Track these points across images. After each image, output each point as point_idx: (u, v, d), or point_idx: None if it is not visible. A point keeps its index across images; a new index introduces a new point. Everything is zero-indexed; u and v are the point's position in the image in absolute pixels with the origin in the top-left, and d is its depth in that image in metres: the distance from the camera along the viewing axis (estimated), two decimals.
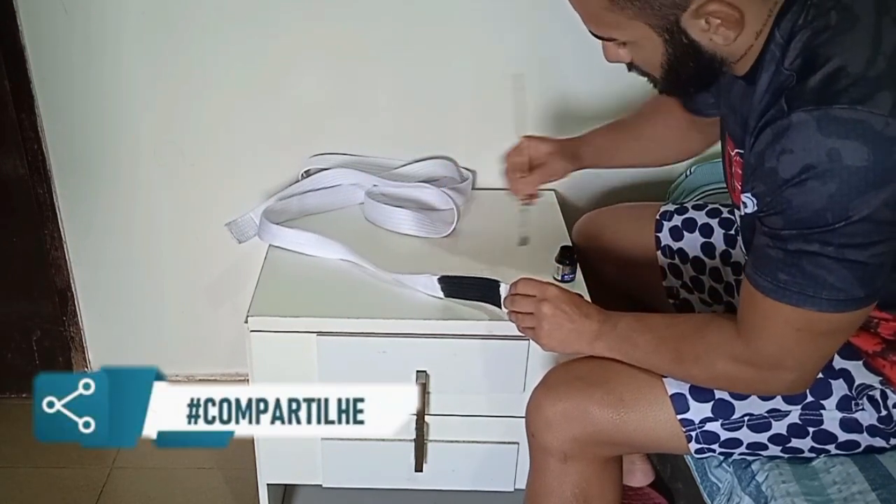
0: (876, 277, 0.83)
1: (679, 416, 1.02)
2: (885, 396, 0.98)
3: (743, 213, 0.93)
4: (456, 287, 1.25)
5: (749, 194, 0.89)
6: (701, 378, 0.99)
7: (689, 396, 1.02)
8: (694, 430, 1.03)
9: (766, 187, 0.83)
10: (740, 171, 0.96)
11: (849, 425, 1.00)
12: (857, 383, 0.99)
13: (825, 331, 0.87)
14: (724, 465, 1.10)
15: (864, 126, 0.76)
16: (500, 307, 1.19)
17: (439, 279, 1.25)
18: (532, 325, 1.09)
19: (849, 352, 1.00)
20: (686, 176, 1.54)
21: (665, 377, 1.03)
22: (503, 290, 1.17)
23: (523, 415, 1.11)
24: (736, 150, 0.99)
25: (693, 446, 1.04)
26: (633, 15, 0.85)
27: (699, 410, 1.02)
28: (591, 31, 0.93)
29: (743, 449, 1.04)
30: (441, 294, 1.26)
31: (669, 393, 1.03)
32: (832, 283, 0.82)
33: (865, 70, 0.78)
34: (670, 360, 1.00)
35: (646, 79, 0.98)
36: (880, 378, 0.99)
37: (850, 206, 0.78)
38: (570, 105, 1.56)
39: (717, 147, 1.60)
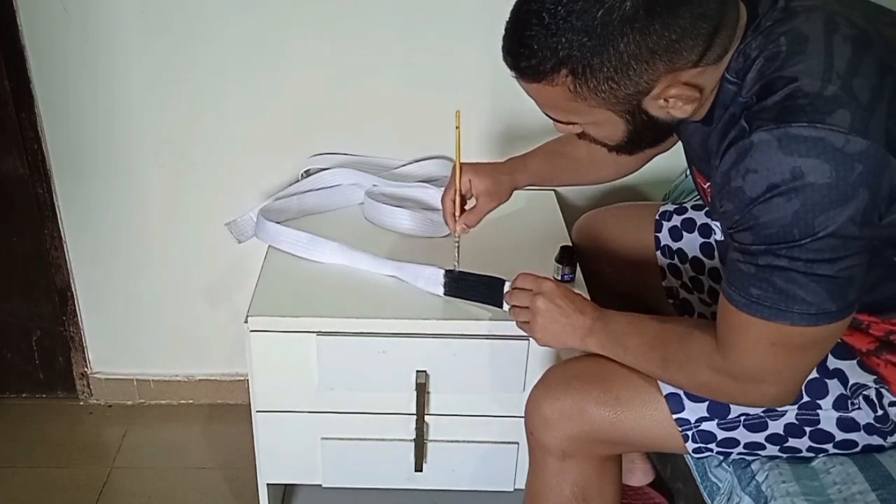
0: (846, 291, 0.84)
1: (675, 416, 1.03)
2: (880, 396, 0.98)
3: (717, 239, 0.93)
4: (459, 284, 1.25)
5: (716, 220, 0.90)
6: (686, 385, 1.00)
7: (684, 396, 1.02)
8: (690, 429, 1.03)
9: (733, 206, 0.84)
10: None
11: (846, 424, 1.00)
12: (851, 383, 0.99)
13: (800, 345, 0.87)
14: (723, 464, 1.10)
15: (825, 143, 0.77)
16: (500, 307, 1.20)
17: (445, 273, 1.25)
18: (527, 319, 1.10)
19: (843, 351, 1.00)
20: (686, 176, 1.54)
21: None
22: (507, 288, 1.18)
23: (523, 415, 1.11)
24: (708, 184, 1.00)
25: (690, 445, 1.04)
26: (596, 104, 0.87)
27: (695, 410, 1.02)
28: (547, 115, 0.94)
29: (741, 448, 1.04)
30: (441, 290, 1.26)
31: (664, 392, 1.03)
32: (803, 298, 0.83)
33: (821, 89, 0.79)
34: (657, 366, 1.00)
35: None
36: (874, 377, 0.99)
37: (815, 222, 0.79)
38: None
39: None
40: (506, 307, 1.18)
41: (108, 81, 1.52)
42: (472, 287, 1.24)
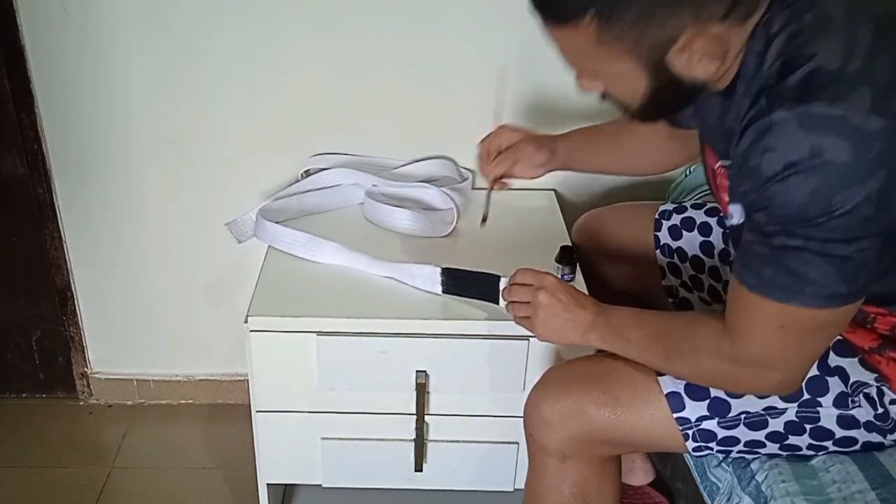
0: (859, 273, 0.84)
1: (675, 415, 1.03)
2: (881, 394, 0.98)
3: (731, 224, 0.93)
4: (457, 281, 1.25)
5: (736, 202, 0.90)
6: (690, 375, 1.00)
7: (684, 395, 1.02)
8: (690, 428, 1.03)
9: (750, 185, 0.84)
10: (727, 183, 0.96)
11: (846, 422, 1.00)
12: (852, 380, 0.99)
13: (809, 328, 0.87)
14: (723, 464, 1.10)
15: (845, 122, 0.77)
16: (497, 304, 1.20)
17: (442, 270, 1.25)
18: (528, 315, 1.09)
19: (844, 348, 1.00)
20: (686, 175, 1.54)
21: (661, 375, 1.03)
22: (503, 284, 1.18)
23: (523, 415, 1.11)
24: (720, 164, 0.99)
25: (690, 444, 1.04)
26: (620, 53, 0.86)
27: (695, 409, 1.02)
28: (570, 65, 0.93)
29: (741, 447, 1.04)
30: (439, 289, 1.26)
31: (665, 392, 1.03)
32: (815, 279, 0.83)
33: (842, 68, 0.79)
34: (660, 357, 1.00)
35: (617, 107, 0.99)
36: (875, 375, 0.99)
37: (832, 201, 0.79)
38: (570, 101, 1.56)
39: None
40: (502, 303, 1.17)
41: (108, 81, 1.52)
42: (469, 284, 1.24)
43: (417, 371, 1.25)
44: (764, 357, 0.90)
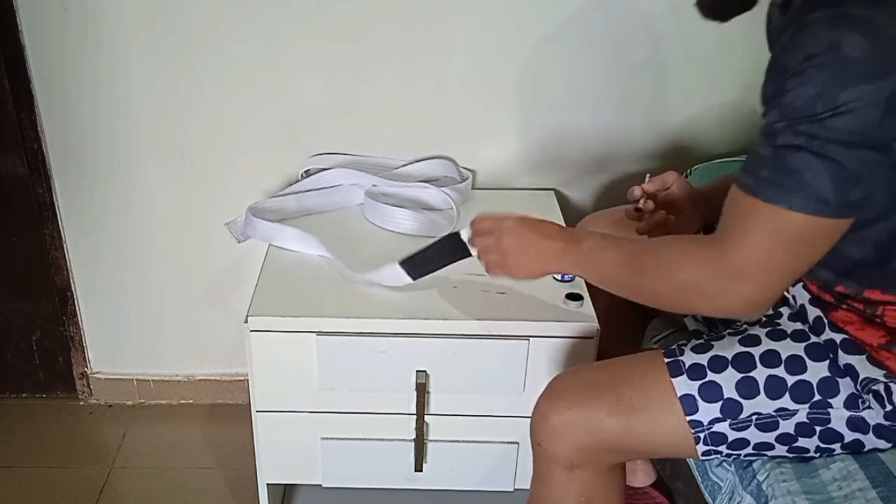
0: (850, 187, 0.84)
1: (688, 418, 1.02)
2: (889, 391, 0.98)
3: None
4: (420, 264, 1.23)
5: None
6: (661, 289, 0.97)
7: (697, 397, 1.01)
8: (702, 431, 1.02)
9: (773, 84, 0.86)
10: None
11: (855, 424, 1.00)
12: (862, 377, 0.99)
13: (794, 238, 0.87)
14: (725, 463, 1.10)
15: (870, 23, 0.80)
16: (470, 255, 1.16)
17: (401, 263, 1.24)
18: (499, 262, 1.09)
19: (853, 347, 1.00)
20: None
21: (674, 377, 1.03)
22: (465, 235, 1.15)
23: (523, 415, 1.11)
24: None
25: (700, 448, 1.03)
26: None
27: (708, 411, 1.01)
28: None
29: (749, 449, 1.03)
30: (409, 280, 1.25)
31: (679, 394, 1.02)
32: (808, 182, 0.84)
33: None
34: (633, 274, 0.99)
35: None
36: (884, 372, 0.98)
37: (840, 96, 0.80)
38: (564, 107, 1.56)
39: (717, 149, 1.61)
40: (474, 252, 1.14)
41: (108, 81, 1.52)
42: (434, 258, 1.21)
43: (417, 371, 1.25)
44: (746, 265, 0.89)
